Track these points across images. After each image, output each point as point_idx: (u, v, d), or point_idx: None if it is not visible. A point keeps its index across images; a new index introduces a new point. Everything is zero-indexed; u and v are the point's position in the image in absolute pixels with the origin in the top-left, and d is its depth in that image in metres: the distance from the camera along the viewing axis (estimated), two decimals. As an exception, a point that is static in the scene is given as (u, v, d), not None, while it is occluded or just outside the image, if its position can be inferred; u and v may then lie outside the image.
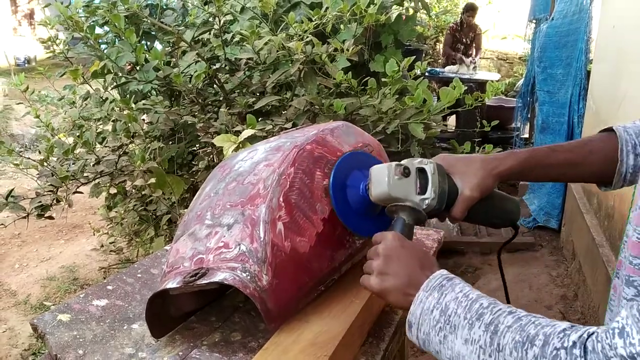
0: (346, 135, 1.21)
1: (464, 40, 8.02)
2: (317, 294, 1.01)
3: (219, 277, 0.88)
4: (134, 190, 2.51)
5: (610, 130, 1.02)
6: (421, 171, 0.92)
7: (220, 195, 1.02)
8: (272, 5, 1.92)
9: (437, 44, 9.69)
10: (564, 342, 0.64)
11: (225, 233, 0.95)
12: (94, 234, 4.23)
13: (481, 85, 5.63)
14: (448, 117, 7.25)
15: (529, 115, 5.52)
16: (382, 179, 0.92)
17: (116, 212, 2.75)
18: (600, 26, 3.71)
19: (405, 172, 0.91)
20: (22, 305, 3.89)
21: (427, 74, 7.14)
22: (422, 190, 0.91)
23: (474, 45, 8.12)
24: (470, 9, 7.86)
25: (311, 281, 0.97)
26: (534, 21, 5.39)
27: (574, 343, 0.63)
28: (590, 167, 1.00)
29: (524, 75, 5.82)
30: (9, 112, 8.28)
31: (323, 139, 1.12)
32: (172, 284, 0.92)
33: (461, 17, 7.92)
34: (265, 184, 0.98)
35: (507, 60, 11.10)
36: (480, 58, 8.58)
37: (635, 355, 0.57)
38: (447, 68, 7.34)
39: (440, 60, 8.99)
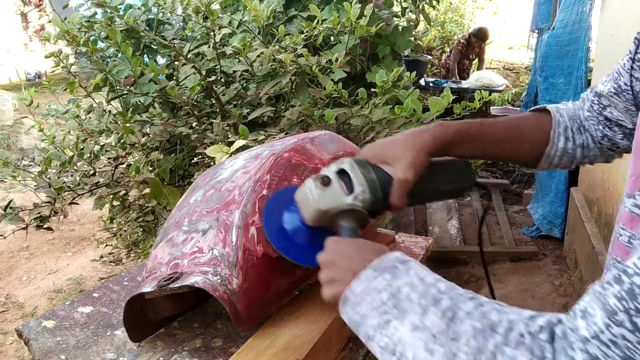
0: (327, 144, 1.23)
1: (470, 56, 8.08)
2: (292, 298, 1.03)
3: (190, 280, 0.91)
4: (137, 202, 2.55)
5: (544, 110, 1.00)
6: (342, 172, 0.86)
7: (199, 202, 1.05)
8: (263, 19, 1.96)
9: (443, 54, 9.72)
10: (530, 327, 0.58)
11: (200, 238, 0.97)
12: (97, 246, 4.28)
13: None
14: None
15: (533, 125, 5.51)
16: (306, 199, 0.87)
17: (117, 222, 2.79)
18: (600, 35, 3.72)
19: (325, 181, 0.85)
20: (29, 318, 3.93)
21: (431, 84, 7.17)
22: (350, 189, 0.85)
23: (477, 58, 8.19)
24: (482, 38, 7.89)
25: (283, 285, 0.99)
26: (536, 31, 5.41)
27: (541, 328, 0.57)
28: (517, 145, 0.97)
29: (527, 85, 5.83)
30: (19, 126, 8.40)
31: (302, 147, 1.15)
32: (147, 288, 0.94)
33: (470, 36, 7.95)
34: (240, 191, 1.01)
35: (514, 70, 11.09)
36: (485, 68, 8.62)
37: (598, 333, 0.52)
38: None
39: (439, 71, 9.05)
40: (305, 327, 0.97)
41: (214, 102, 2.27)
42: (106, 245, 3.94)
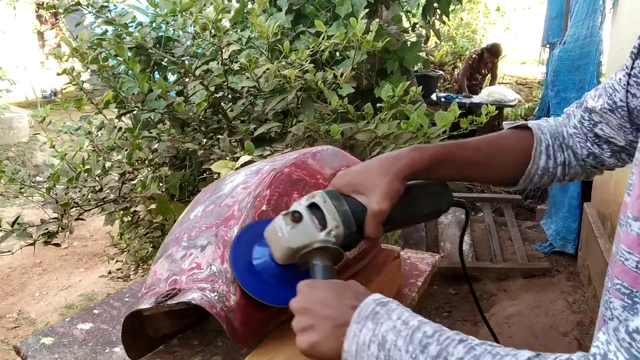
0: (329, 159, 1.22)
1: (483, 70, 8.07)
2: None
3: (187, 297, 0.90)
4: (145, 218, 2.56)
5: (525, 127, 0.97)
6: (313, 206, 0.82)
7: (199, 217, 1.04)
8: (268, 34, 1.97)
9: (455, 70, 9.72)
10: None
11: (198, 254, 0.97)
12: (108, 262, 4.29)
13: (497, 109, 5.64)
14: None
15: (545, 139, 5.48)
16: (276, 237, 0.82)
17: (125, 238, 2.79)
18: (611, 49, 3.69)
19: (296, 217, 0.81)
20: (40, 334, 3.93)
21: (443, 99, 7.16)
22: (323, 224, 0.81)
23: (489, 73, 8.19)
24: (495, 53, 7.90)
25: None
26: (548, 46, 5.40)
27: None
28: (497, 166, 0.94)
29: (539, 100, 5.81)
30: (34, 143, 8.51)
31: (303, 162, 1.14)
32: (145, 304, 0.93)
33: (483, 52, 7.95)
34: (240, 206, 1.00)
35: (527, 85, 11.07)
36: (498, 83, 8.63)
37: None
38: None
39: (451, 86, 9.06)
40: (304, 345, 0.95)
41: (221, 118, 2.28)
42: (116, 261, 3.96)
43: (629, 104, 0.84)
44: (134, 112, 2.21)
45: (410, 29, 3.41)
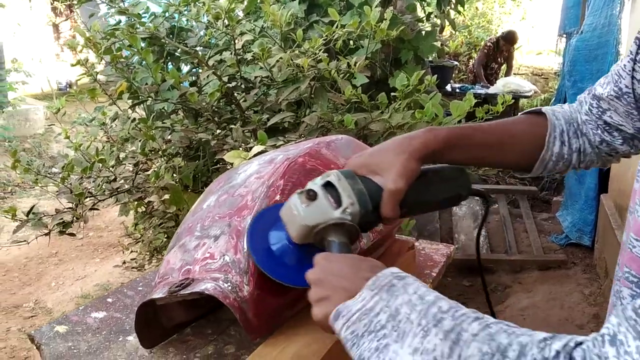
0: (343, 148, 1.21)
1: (498, 59, 7.98)
2: (306, 305, 1.00)
3: (200, 287, 0.89)
4: (159, 208, 2.57)
5: (539, 113, 0.96)
6: (328, 185, 0.82)
7: (212, 207, 1.04)
8: (282, 24, 1.96)
9: (470, 60, 9.64)
10: (544, 353, 0.52)
11: (212, 244, 0.96)
12: (123, 252, 4.32)
13: (513, 99, 5.58)
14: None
15: (561, 130, 5.43)
16: (291, 215, 0.83)
17: (139, 229, 2.81)
18: (629, 38, 3.63)
19: (311, 195, 0.81)
20: (57, 323, 3.97)
21: (457, 90, 7.11)
22: (338, 202, 0.80)
23: (505, 63, 8.10)
24: (511, 40, 7.81)
25: (296, 292, 0.96)
26: (564, 35, 5.32)
27: (558, 353, 0.52)
28: (510, 150, 0.93)
29: (556, 90, 5.74)
30: (50, 134, 8.57)
31: (317, 152, 1.13)
32: (158, 294, 0.93)
33: (499, 40, 7.87)
34: (253, 196, 0.99)
35: (543, 76, 10.94)
36: (514, 74, 8.54)
37: None
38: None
39: (466, 77, 8.98)
40: (316, 336, 0.95)
41: (234, 108, 2.28)
42: (131, 252, 3.98)
43: (635, 90, 0.82)
44: (148, 102, 2.21)
45: (424, 18, 3.38)
